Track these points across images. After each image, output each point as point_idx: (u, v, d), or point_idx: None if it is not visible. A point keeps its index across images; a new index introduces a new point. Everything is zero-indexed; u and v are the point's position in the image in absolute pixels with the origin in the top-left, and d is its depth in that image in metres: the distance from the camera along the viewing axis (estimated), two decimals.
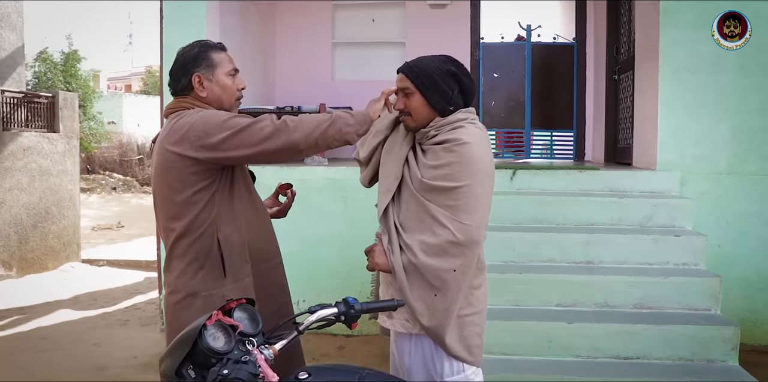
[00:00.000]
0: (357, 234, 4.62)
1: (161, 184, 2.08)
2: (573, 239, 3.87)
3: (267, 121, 1.97)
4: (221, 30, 5.01)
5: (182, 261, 2.08)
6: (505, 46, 6.83)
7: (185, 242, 2.06)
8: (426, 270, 1.95)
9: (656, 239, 3.83)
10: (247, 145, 1.95)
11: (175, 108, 2.14)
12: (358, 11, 7.04)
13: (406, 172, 2.09)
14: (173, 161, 2.01)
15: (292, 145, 1.97)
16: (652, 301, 3.59)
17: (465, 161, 1.94)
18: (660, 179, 4.34)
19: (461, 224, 1.92)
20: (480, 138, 2.02)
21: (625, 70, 5.61)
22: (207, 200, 2.04)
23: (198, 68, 2.13)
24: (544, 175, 4.42)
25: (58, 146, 8.45)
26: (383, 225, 2.10)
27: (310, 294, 4.72)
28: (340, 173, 4.66)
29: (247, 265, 2.14)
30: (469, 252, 1.95)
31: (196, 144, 1.96)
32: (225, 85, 2.16)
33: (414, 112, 2.07)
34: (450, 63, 2.07)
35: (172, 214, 2.07)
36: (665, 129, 4.43)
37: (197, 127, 1.97)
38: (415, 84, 2.04)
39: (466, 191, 1.94)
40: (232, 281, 2.09)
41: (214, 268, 2.06)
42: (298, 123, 1.98)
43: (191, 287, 2.06)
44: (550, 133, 6.84)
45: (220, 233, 2.06)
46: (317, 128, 1.98)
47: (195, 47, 2.18)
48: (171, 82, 2.19)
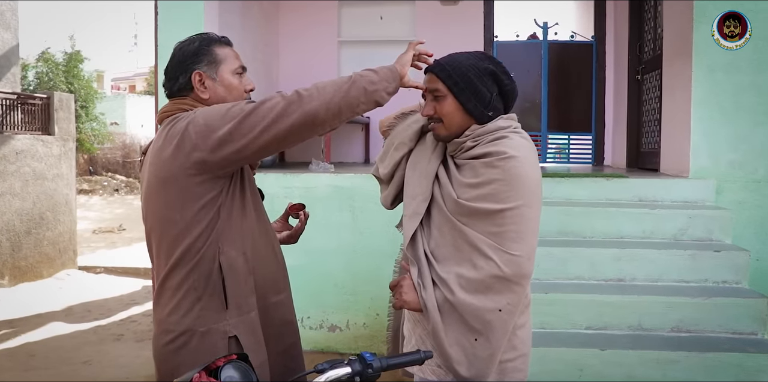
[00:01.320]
0: (365, 246, 4.31)
1: (156, 202, 1.74)
2: (602, 254, 3.54)
3: (276, 98, 1.63)
4: (220, 28, 4.70)
5: (176, 294, 1.73)
6: (520, 45, 6.52)
7: (182, 271, 1.71)
8: (465, 310, 1.62)
9: (693, 254, 3.49)
10: (259, 130, 1.61)
11: (171, 111, 1.79)
12: (365, 8, 6.74)
13: (437, 191, 1.75)
14: (172, 173, 1.67)
15: (309, 117, 1.62)
16: (692, 324, 3.26)
17: (512, 179, 1.62)
18: (694, 188, 4.00)
19: (509, 255, 1.60)
20: (528, 151, 1.69)
21: (650, 69, 5.28)
22: (211, 216, 1.71)
23: (199, 65, 1.79)
24: (568, 184, 4.08)
25: (54, 149, 8.14)
26: (411, 254, 1.76)
27: (315, 311, 4.41)
28: (348, 181, 4.34)
29: (252, 296, 1.80)
30: (518, 288, 1.62)
31: (198, 143, 1.62)
32: (231, 85, 1.82)
33: (446, 118, 1.73)
34: (488, 60, 1.74)
35: (171, 237, 1.72)
36: (699, 133, 4.09)
37: (198, 122, 1.64)
38: (448, 85, 1.71)
39: (514, 214, 1.62)
40: (236, 315, 1.74)
41: (214, 298, 1.72)
42: (312, 91, 1.63)
43: (185, 324, 1.71)
44: (567, 136, 6.53)
45: (223, 255, 1.72)
46: (337, 92, 1.63)
47: (195, 41, 1.83)
48: (167, 81, 1.83)
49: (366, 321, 4.37)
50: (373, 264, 4.27)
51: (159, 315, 1.77)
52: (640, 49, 5.60)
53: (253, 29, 5.82)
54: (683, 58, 4.20)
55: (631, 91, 5.75)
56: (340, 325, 4.40)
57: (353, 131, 6.63)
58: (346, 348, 4.40)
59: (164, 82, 1.85)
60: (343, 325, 4.40)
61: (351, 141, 6.68)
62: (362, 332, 4.38)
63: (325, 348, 4.42)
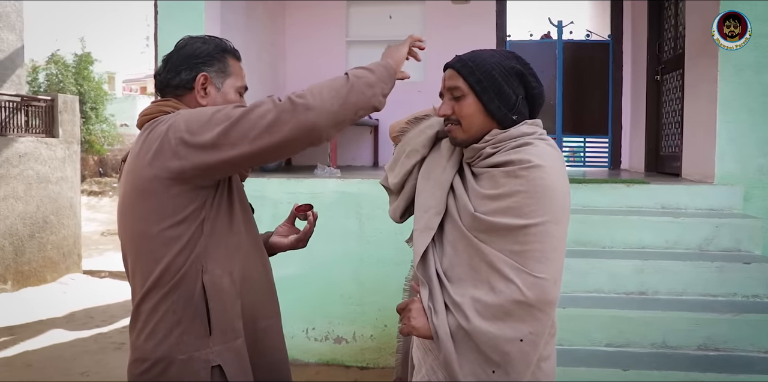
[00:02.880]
0: (373, 255, 4.13)
1: (131, 216, 1.56)
2: (623, 266, 3.33)
3: (267, 104, 1.44)
4: (222, 29, 4.54)
5: (153, 316, 1.55)
6: (533, 45, 6.32)
7: (160, 292, 1.53)
8: (482, 339, 1.42)
9: (721, 266, 3.28)
10: (248, 140, 1.42)
11: (152, 113, 1.60)
12: (373, 8, 6.58)
13: (452, 203, 1.57)
14: (149, 182, 1.49)
15: (305, 128, 1.43)
16: (720, 342, 3.04)
17: (537, 191, 1.43)
18: (720, 195, 3.78)
19: (532, 278, 1.41)
20: (555, 159, 1.50)
21: (670, 69, 5.05)
22: (192, 231, 1.52)
23: (209, 68, 1.64)
24: (586, 190, 3.87)
25: (58, 152, 8.02)
26: (421, 275, 1.56)
27: (321, 321, 4.22)
28: (354, 187, 4.15)
29: (239, 320, 1.61)
30: (542, 316, 1.42)
31: (179, 150, 1.45)
32: (231, 102, 1.66)
33: (465, 120, 1.54)
34: (515, 60, 1.56)
35: (147, 254, 1.54)
36: (725, 136, 3.86)
37: (178, 126, 1.46)
38: (470, 83, 1.52)
39: (539, 231, 1.43)
40: (221, 341, 1.56)
41: (196, 322, 1.54)
42: (308, 98, 1.43)
43: (163, 350, 1.53)
44: (582, 139, 6.32)
45: (206, 274, 1.54)
46: (335, 99, 1.44)
47: (211, 43, 1.68)
48: (165, 72, 1.65)
49: (373, 333, 4.18)
50: (380, 274, 4.09)
51: (134, 341, 1.59)
52: (659, 49, 5.38)
53: (258, 29, 5.66)
54: (708, 58, 3.98)
55: (650, 91, 5.53)
56: (347, 337, 4.22)
57: (361, 134, 6.45)
58: (353, 361, 4.22)
59: (161, 73, 1.66)
60: (350, 337, 4.22)
61: (359, 144, 6.50)
62: (369, 345, 4.19)
63: (330, 361, 4.24)
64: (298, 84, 6.48)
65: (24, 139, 7.59)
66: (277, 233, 1.94)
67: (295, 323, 4.22)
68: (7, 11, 8.19)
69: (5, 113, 7.45)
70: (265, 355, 1.71)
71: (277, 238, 1.92)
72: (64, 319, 6.20)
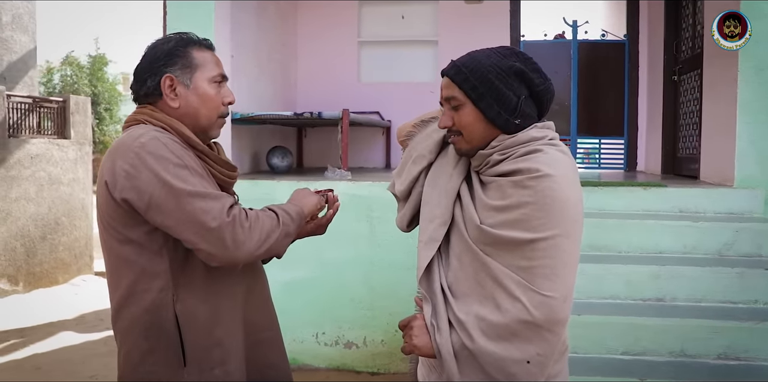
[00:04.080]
0: (384, 259, 4.06)
1: (100, 226, 1.52)
2: (639, 271, 3.25)
3: (216, 211, 1.41)
4: (232, 28, 4.49)
5: (126, 339, 1.51)
6: (548, 45, 6.22)
7: (129, 313, 1.48)
8: (487, 360, 1.34)
9: (741, 272, 3.18)
10: (178, 221, 1.41)
11: (129, 121, 1.57)
12: (386, 8, 6.50)
13: (458, 213, 1.48)
14: (104, 197, 1.47)
15: (225, 258, 1.43)
16: (741, 350, 2.94)
17: (546, 202, 1.33)
18: (740, 198, 3.68)
19: (540, 296, 1.31)
20: (566, 168, 1.39)
21: (688, 69, 4.95)
22: (149, 255, 1.47)
23: (171, 68, 1.56)
24: (601, 193, 3.78)
25: (69, 153, 8.03)
26: (425, 289, 1.48)
27: (331, 326, 4.17)
28: (365, 189, 4.09)
29: (218, 348, 1.53)
30: (550, 336, 1.33)
31: (131, 198, 1.42)
32: (205, 95, 1.58)
33: (466, 130, 1.45)
34: (513, 57, 1.45)
35: (111, 268, 1.50)
36: (745, 138, 3.76)
37: (123, 185, 1.42)
38: (465, 91, 1.42)
39: (548, 246, 1.33)
40: (196, 372, 1.50)
41: (169, 353, 1.48)
42: (244, 235, 1.43)
43: (138, 375, 1.49)
44: (597, 140, 6.22)
45: (179, 303, 1.48)
46: (262, 242, 1.46)
47: (171, 40, 1.60)
48: (134, 84, 1.60)
49: (384, 338, 4.12)
50: (391, 278, 4.02)
51: (118, 357, 1.55)
52: (676, 48, 5.27)
53: (269, 29, 5.60)
54: (727, 57, 3.88)
55: (667, 92, 5.42)
56: (357, 342, 4.16)
57: (374, 135, 6.39)
58: (363, 366, 4.16)
59: (131, 84, 1.60)
60: (360, 342, 4.15)
61: (371, 146, 6.44)
62: (380, 350, 4.12)
63: (341, 366, 4.18)
64: (309, 84, 6.43)
65: (36, 141, 7.61)
66: None
67: (304, 327, 4.17)
68: (20, 13, 8.21)
69: (17, 115, 7.46)
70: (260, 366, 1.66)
71: None
72: (74, 321, 6.20)
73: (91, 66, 18.60)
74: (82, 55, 18.86)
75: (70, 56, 18.55)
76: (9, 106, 7.27)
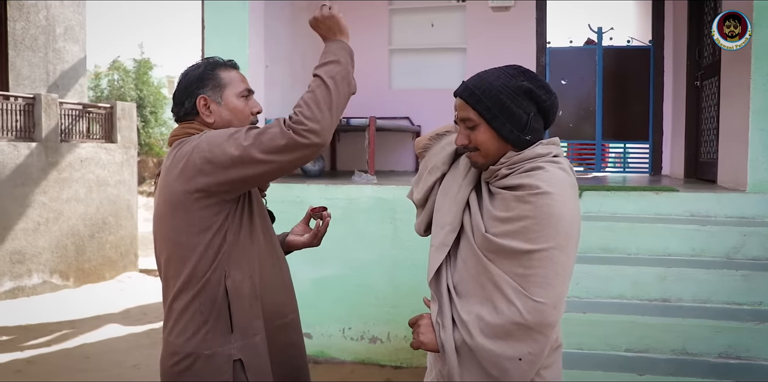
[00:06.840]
0: (407, 259, 4.28)
1: (164, 225, 1.78)
2: (647, 273, 3.39)
3: (275, 128, 1.63)
4: (266, 38, 4.76)
5: (183, 316, 1.76)
6: (574, 51, 6.34)
7: (189, 294, 1.74)
8: (483, 355, 1.51)
9: (747, 274, 3.30)
10: (263, 161, 1.63)
11: (179, 135, 1.83)
12: (416, 16, 6.70)
13: (467, 220, 1.63)
14: (177, 196, 1.71)
15: (315, 150, 1.65)
16: (742, 350, 3.06)
17: (543, 217, 1.49)
18: (751, 203, 3.77)
19: (532, 302, 1.47)
20: (565, 185, 1.53)
21: (709, 75, 5.03)
22: (217, 239, 1.73)
23: (203, 90, 1.83)
24: (615, 197, 3.92)
25: (116, 157, 8.47)
26: (433, 290, 1.65)
27: (357, 322, 4.40)
28: (389, 193, 4.31)
29: (258, 320, 1.81)
30: (540, 337, 1.49)
31: (203, 168, 1.66)
32: (235, 109, 1.85)
33: (482, 147, 1.60)
34: (521, 76, 1.59)
35: (177, 260, 1.76)
36: (757, 144, 3.85)
37: (201, 148, 1.67)
38: (479, 112, 1.57)
39: (542, 256, 1.48)
40: (240, 338, 1.76)
41: (220, 322, 1.74)
42: (310, 123, 1.63)
43: (191, 346, 1.74)
44: (623, 144, 6.31)
45: (229, 279, 1.74)
46: (328, 111, 1.67)
47: (200, 66, 1.88)
48: (174, 106, 1.87)
49: (407, 334, 4.33)
50: (414, 277, 4.23)
51: (167, 336, 1.80)
52: (699, 54, 5.35)
53: (302, 38, 5.85)
54: (742, 64, 3.98)
55: (690, 98, 5.50)
56: (381, 337, 4.38)
57: (403, 139, 6.61)
58: (387, 360, 4.38)
59: (172, 107, 1.88)
60: (384, 337, 4.38)
61: (401, 150, 6.65)
62: (403, 345, 4.34)
63: (366, 360, 4.41)
64: None
65: (85, 145, 8.06)
66: (293, 232, 2.12)
67: (332, 323, 4.41)
68: (72, 24, 8.68)
69: (68, 121, 7.92)
70: (283, 350, 1.90)
71: (293, 236, 2.10)
72: (120, 315, 6.58)
73: (136, 70, 19.25)
74: (128, 60, 19.55)
75: (117, 61, 19.22)
76: (61, 113, 7.73)
